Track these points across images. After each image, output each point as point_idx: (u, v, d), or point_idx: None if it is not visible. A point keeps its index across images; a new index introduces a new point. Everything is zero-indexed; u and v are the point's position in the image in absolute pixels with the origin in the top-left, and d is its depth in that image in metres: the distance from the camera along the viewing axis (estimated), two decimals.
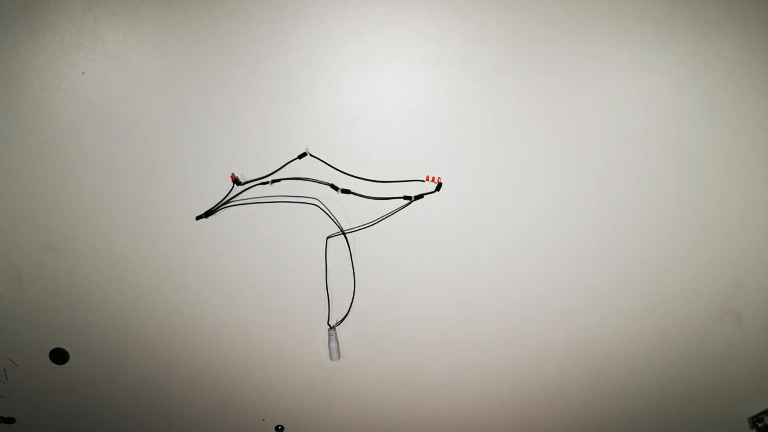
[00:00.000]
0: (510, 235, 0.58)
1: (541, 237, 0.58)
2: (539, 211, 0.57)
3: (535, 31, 0.51)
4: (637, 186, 0.56)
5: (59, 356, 0.65)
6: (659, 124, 0.54)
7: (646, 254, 0.59)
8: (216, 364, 0.65)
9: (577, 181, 0.56)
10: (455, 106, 0.54)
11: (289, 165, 0.56)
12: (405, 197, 0.57)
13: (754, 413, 0.66)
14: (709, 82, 0.52)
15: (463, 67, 0.52)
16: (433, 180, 0.56)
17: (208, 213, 0.58)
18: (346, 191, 0.56)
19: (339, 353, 0.63)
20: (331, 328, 0.62)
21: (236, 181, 0.56)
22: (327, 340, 0.62)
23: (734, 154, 0.55)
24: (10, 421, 0.70)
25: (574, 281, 0.60)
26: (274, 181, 0.56)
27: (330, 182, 0.56)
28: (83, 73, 0.53)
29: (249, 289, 0.62)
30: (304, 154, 0.55)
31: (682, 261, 0.58)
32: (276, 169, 0.56)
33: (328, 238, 0.59)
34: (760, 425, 0.65)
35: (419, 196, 0.56)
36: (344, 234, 0.58)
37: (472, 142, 0.55)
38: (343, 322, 0.62)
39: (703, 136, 0.54)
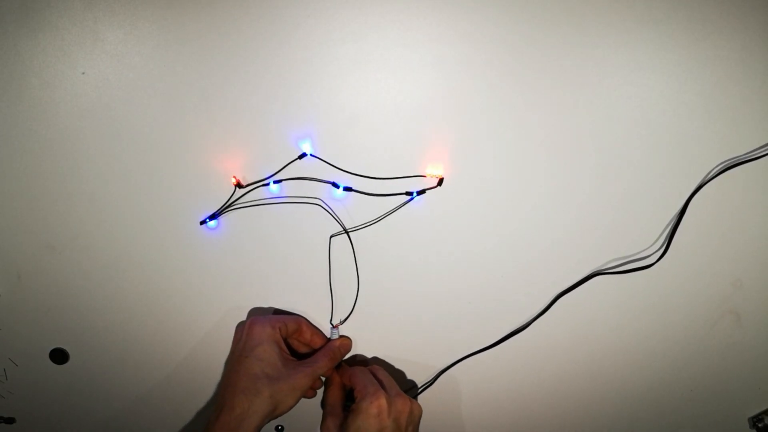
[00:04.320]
0: (511, 234, 0.59)
1: (542, 235, 0.58)
2: (541, 209, 0.57)
3: (535, 31, 0.51)
4: (637, 185, 0.56)
5: (59, 356, 0.65)
6: (659, 124, 0.54)
7: (646, 254, 0.59)
8: (216, 364, 0.65)
9: (577, 180, 0.56)
10: (455, 106, 0.54)
11: (289, 165, 0.56)
12: (407, 193, 0.57)
13: (754, 413, 0.66)
14: (709, 82, 0.52)
15: (463, 67, 0.52)
16: (434, 176, 0.56)
17: (212, 217, 0.58)
18: (348, 189, 0.56)
19: None
20: (335, 326, 0.62)
21: (238, 185, 0.56)
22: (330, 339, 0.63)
23: (734, 154, 0.55)
24: (10, 421, 0.70)
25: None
26: (275, 182, 0.56)
27: (331, 180, 0.56)
28: (83, 73, 0.53)
29: (249, 288, 0.62)
30: (304, 155, 0.55)
31: (681, 261, 0.58)
32: (277, 170, 0.56)
33: (331, 237, 0.59)
34: (760, 425, 0.65)
35: (421, 192, 0.56)
36: (347, 233, 0.58)
37: (472, 142, 0.55)
38: (347, 321, 0.62)
39: (703, 136, 0.54)
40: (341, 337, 0.63)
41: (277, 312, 0.64)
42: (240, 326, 0.60)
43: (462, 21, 0.51)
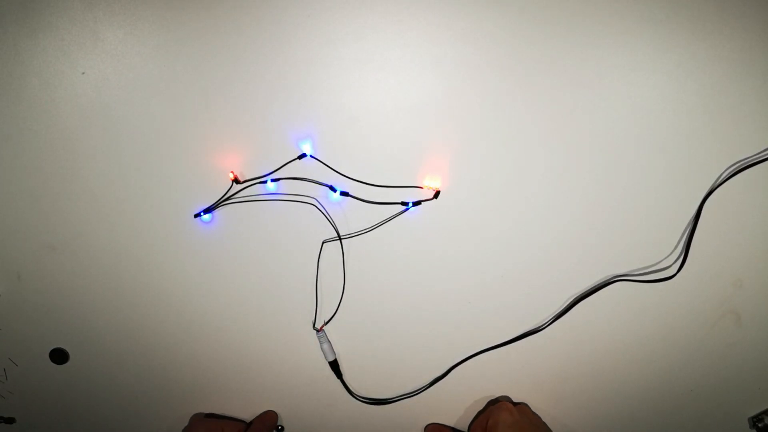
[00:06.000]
0: (511, 244, 0.59)
1: (549, 241, 0.58)
2: (541, 214, 0.57)
3: (535, 32, 0.51)
4: (637, 186, 0.56)
5: (59, 356, 0.65)
6: (659, 124, 0.54)
7: (646, 254, 0.59)
8: (215, 363, 0.65)
9: (578, 182, 0.56)
10: (455, 106, 0.54)
11: (289, 165, 0.56)
12: (402, 203, 0.57)
13: (754, 413, 0.66)
14: (709, 82, 0.52)
15: (463, 67, 0.52)
16: (430, 188, 0.56)
17: (207, 210, 0.58)
18: (344, 194, 0.56)
19: (333, 353, 0.63)
20: (318, 330, 0.62)
21: (236, 180, 0.56)
22: (318, 343, 0.63)
23: (734, 155, 0.55)
24: (10, 421, 0.70)
25: (574, 284, 0.60)
26: (273, 180, 0.56)
27: (329, 184, 0.57)
28: (83, 73, 0.54)
29: (249, 288, 0.62)
30: (303, 155, 0.55)
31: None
32: (275, 168, 0.56)
33: (324, 242, 0.59)
34: (760, 425, 0.65)
35: (417, 203, 0.57)
36: (340, 239, 0.58)
37: (472, 144, 0.55)
38: (331, 325, 0.62)
39: (703, 136, 0.54)
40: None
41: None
42: None
43: (462, 21, 0.51)
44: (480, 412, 0.65)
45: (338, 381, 0.65)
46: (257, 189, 0.57)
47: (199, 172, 0.57)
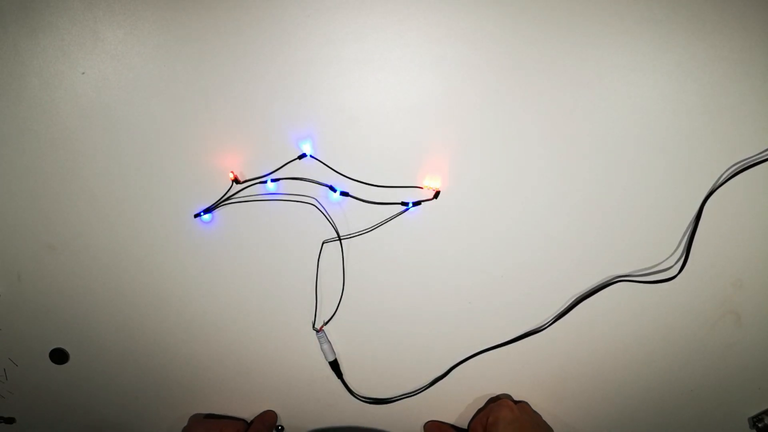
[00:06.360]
0: (511, 244, 0.59)
1: (549, 242, 0.58)
2: (541, 214, 0.57)
3: (535, 32, 0.51)
4: (637, 186, 0.56)
5: (59, 356, 0.65)
6: (659, 124, 0.54)
7: (646, 254, 0.59)
8: (215, 364, 0.65)
9: (578, 182, 0.56)
10: (455, 106, 0.54)
11: (289, 165, 0.56)
12: (402, 203, 0.57)
13: (754, 413, 0.66)
14: (709, 82, 0.52)
15: (464, 67, 0.52)
16: (430, 189, 0.56)
17: (207, 210, 0.58)
18: (344, 194, 0.56)
19: (333, 353, 0.63)
20: (318, 330, 0.62)
21: (236, 180, 0.56)
22: (318, 343, 0.63)
23: (734, 155, 0.55)
24: (10, 421, 0.70)
25: (574, 284, 0.60)
26: (273, 180, 0.56)
27: (329, 184, 0.57)
28: (83, 73, 0.54)
29: (249, 288, 0.62)
30: (303, 155, 0.55)
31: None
32: (275, 168, 0.56)
33: (324, 242, 0.59)
34: (760, 425, 0.65)
35: (417, 203, 0.57)
36: (340, 239, 0.58)
37: (471, 145, 0.55)
38: (337, 322, 0.62)
39: (703, 136, 0.54)
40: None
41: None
42: None
43: (462, 21, 0.51)
44: (480, 410, 0.65)
45: (338, 381, 0.65)
46: (257, 189, 0.57)
47: (199, 172, 0.57)
